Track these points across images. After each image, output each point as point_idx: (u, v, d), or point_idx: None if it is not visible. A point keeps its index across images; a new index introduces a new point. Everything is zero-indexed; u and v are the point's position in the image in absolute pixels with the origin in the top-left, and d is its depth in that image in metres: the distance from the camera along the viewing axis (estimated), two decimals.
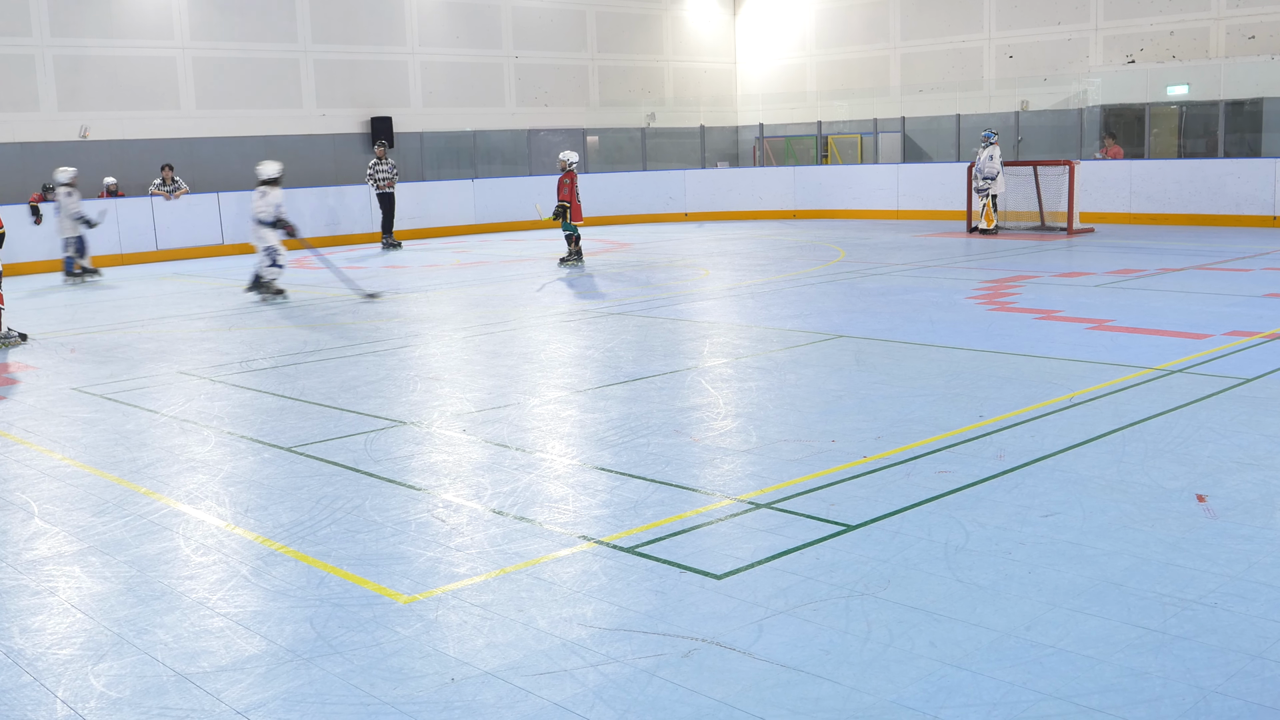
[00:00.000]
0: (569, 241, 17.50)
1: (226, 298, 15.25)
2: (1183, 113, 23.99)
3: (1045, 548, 4.97)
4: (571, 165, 17.55)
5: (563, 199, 17.39)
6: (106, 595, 4.88)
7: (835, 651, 4.07)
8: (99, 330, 12.68)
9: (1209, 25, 24.38)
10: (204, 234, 21.64)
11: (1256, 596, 4.39)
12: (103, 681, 4.07)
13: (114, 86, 22.38)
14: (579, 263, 17.45)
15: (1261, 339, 9.51)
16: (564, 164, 17.58)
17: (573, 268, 17.21)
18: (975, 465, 6.21)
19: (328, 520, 5.72)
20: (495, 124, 27.65)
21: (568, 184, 17.41)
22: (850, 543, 5.11)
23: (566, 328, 11.66)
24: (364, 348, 10.78)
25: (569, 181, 17.41)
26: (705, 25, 32.07)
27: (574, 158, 17.67)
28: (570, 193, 17.38)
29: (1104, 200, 21.40)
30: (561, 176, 17.53)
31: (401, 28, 26.20)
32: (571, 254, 17.48)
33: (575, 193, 17.46)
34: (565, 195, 17.39)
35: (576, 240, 17.51)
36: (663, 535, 5.31)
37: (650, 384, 8.67)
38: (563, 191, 17.43)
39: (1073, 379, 8.22)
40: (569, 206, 17.35)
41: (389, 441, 7.25)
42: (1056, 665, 3.89)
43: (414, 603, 4.65)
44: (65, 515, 6.02)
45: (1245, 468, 6.00)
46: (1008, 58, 27.40)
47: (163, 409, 8.50)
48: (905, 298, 12.64)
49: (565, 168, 17.54)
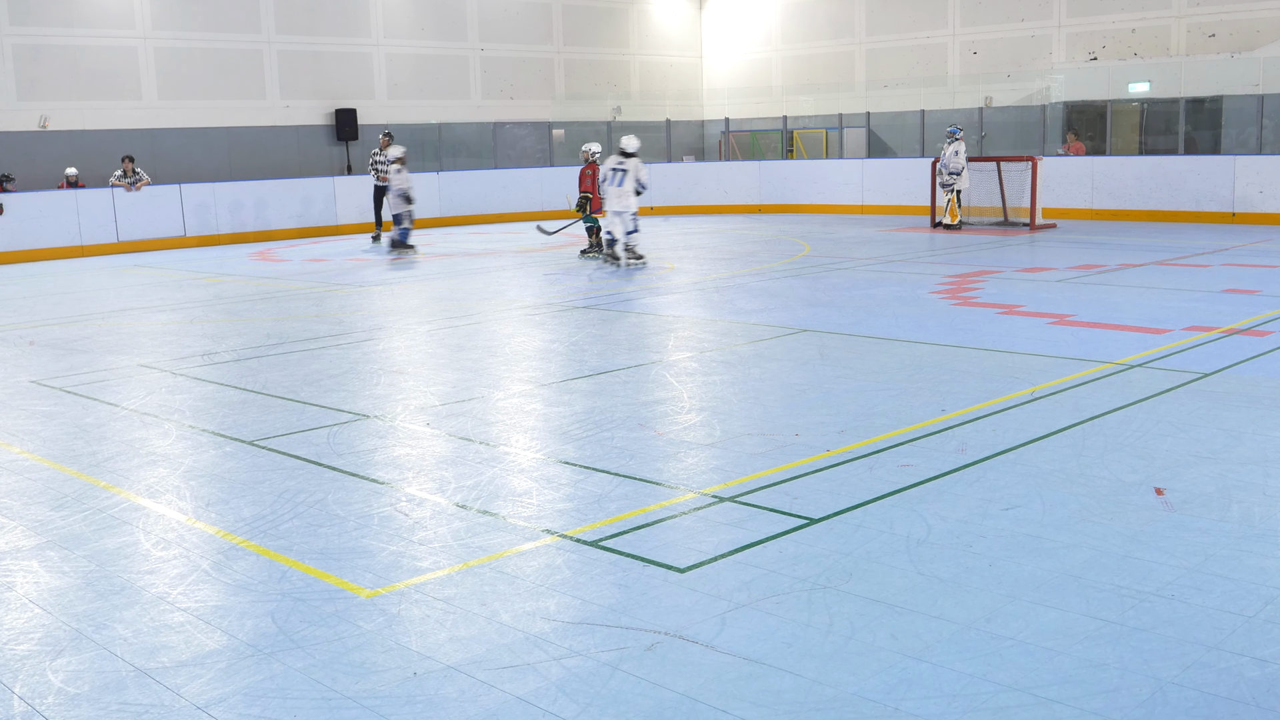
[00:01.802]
0: (590, 233, 17.38)
1: (188, 289, 15.13)
2: (1144, 110, 24.23)
3: (1006, 541, 5.01)
4: (594, 156, 17.41)
5: (585, 190, 17.27)
6: (65, 590, 4.83)
7: (797, 644, 4.09)
8: (58, 322, 12.54)
9: (1170, 23, 24.63)
10: (165, 226, 21.43)
11: (1213, 589, 4.44)
12: (61, 677, 4.03)
13: (74, 76, 22.15)
14: (599, 254, 17.27)
15: (1220, 334, 9.62)
16: (586, 155, 17.50)
17: (591, 259, 17.07)
18: (937, 459, 6.25)
19: (290, 514, 5.69)
20: (460, 116, 27.55)
21: (590, 175, 17.26)
22: (813, 536, 5.13)
23: (531, 322, 11.64)
24: (327, 341, 10.72)
25: (591, 173, 17.25)
26: (671, 19, 32.08)
27: (597, 148, 17.53)
28: (593, 184, 17.19)
29: (1066, 196, 21.59)
30: (584, 168, 17.40)
31: (366, 19, 26.06)
32: (593, 245, 17.35)
33: (599, 184, 17.30)
34: (588, 186, 17.26)
35: (597, 231, 17.35)
36: (626, 529, 5.31)
37: (615, 378, 8.67)
38: (585, 182, 17.30)
39: (1034, 373, 8.29)
40: (591, 198, 17.21)
41: (352, 435, 7.22)
42: (1016, 657, 3.93)
43: (376, 597, 4.63)
44: (23, 509, 5.96)
45: (1203, 461, 6.07)
46: (972, 54, 27.57)
47: (123, 402, 8.42)
48: (869, 292, 12.70)
49: (588, 159, 17.43)
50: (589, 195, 17.23)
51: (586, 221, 17.38)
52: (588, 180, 17.29)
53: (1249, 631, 4.07)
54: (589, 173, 17.30)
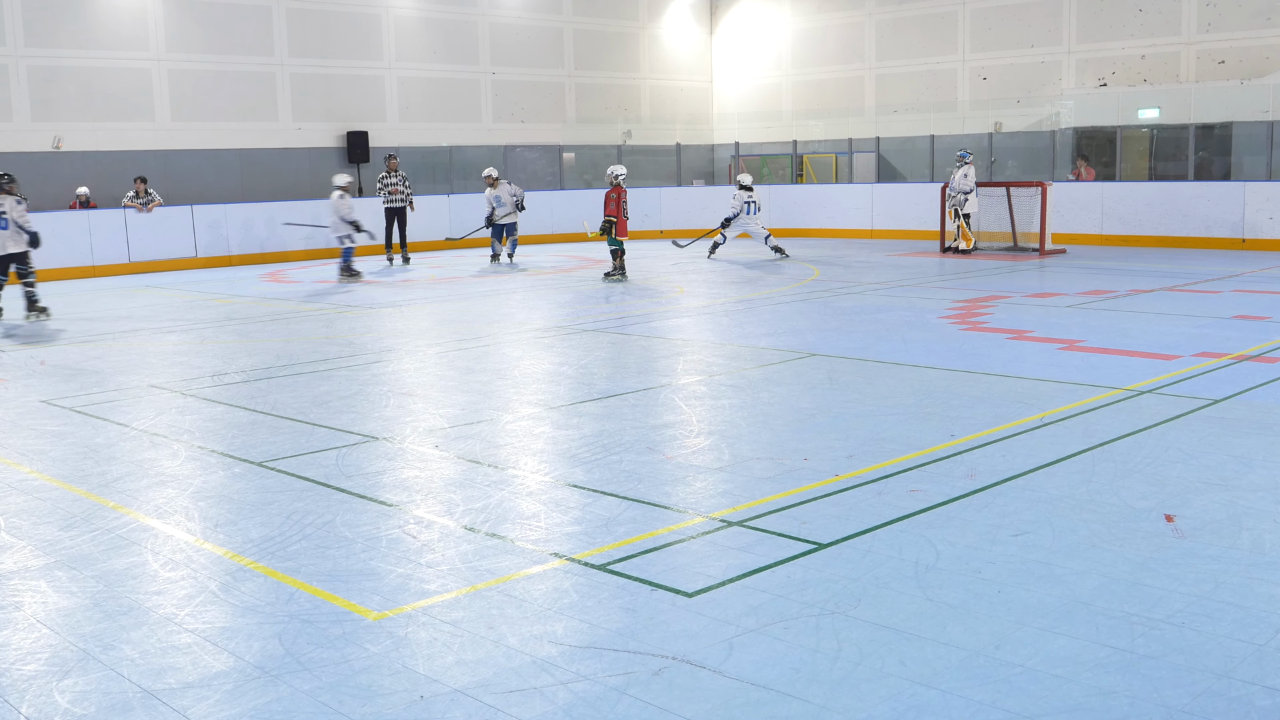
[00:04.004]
0: (614, 256, 17.36)
1: (199, 310, 15.18)
2: (1154, 136, 24.23)
3: (1015, 567, 4.99)
4: (618, 179, 17.40)
5: (609, 214, 17.25)
6: (73, 610, 4.83)
7: (805, 670, 4.07)
8: (69, 342, 12.59)
9: (1180, 50, 24.66)
10: (177, 246, 21.52)
11: (1223, 616, 4.42)
12: (67, 698, 4.03)
13: (88, 97, 22.28)
14: (623, 277, 17.28)
15: (1230, 360, 9.60)
16: (611, 178, 17.44)
17: (616, 282, 17.05)
18: (946, 484, 6.23)
19: (298, 536, 5.69)
20: (472, 139, 27.65)
21: (614, 198, 17.24)
22: (821, 561, 5.12)
23: (540, 344, 11.65)
24: (337, 362, 10.74)
25: (616, 196, 17.24)
26: (682, 44, 32.20)
27: (622, 171, 17.49)
28: (617, 208, 17.19)
29: (1076, 221, 21.58)
30: (609, 191, 17.40)
31: (379, 42, 26.20)
32: (616, 268, 17.33)
33: (623, 208, 17.26)
34: (612, 210, 17.23)
35: (621, 255, 17.36)
36: (634, 553, 5.30)
37: (624, 401, 8.68)
38: (610, 206, 17.27)
39: (1044, 399, 8.28)
40: (615, 221, 17.21)
41: (361, 457, 7.23)
42: (1025, 684, 3.91)
43: (384, 619, 4.63)
44: (32, 529, 5.97)
45: (1213, 488, 6.05)
46: (981, 79, 27.63)
47: (133, 422, 8.44)
48: (878, 316, 12.70)
49: (613, 181, 17.41)
50: (614, 219, 17.19)
51: (611, 245, 17.33)
52: (612, 204, 17.24)
53: (1260, 660, 4.04)
54: (614, 196, 17.25)
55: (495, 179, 21.33)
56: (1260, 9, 23.62)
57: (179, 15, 23.24)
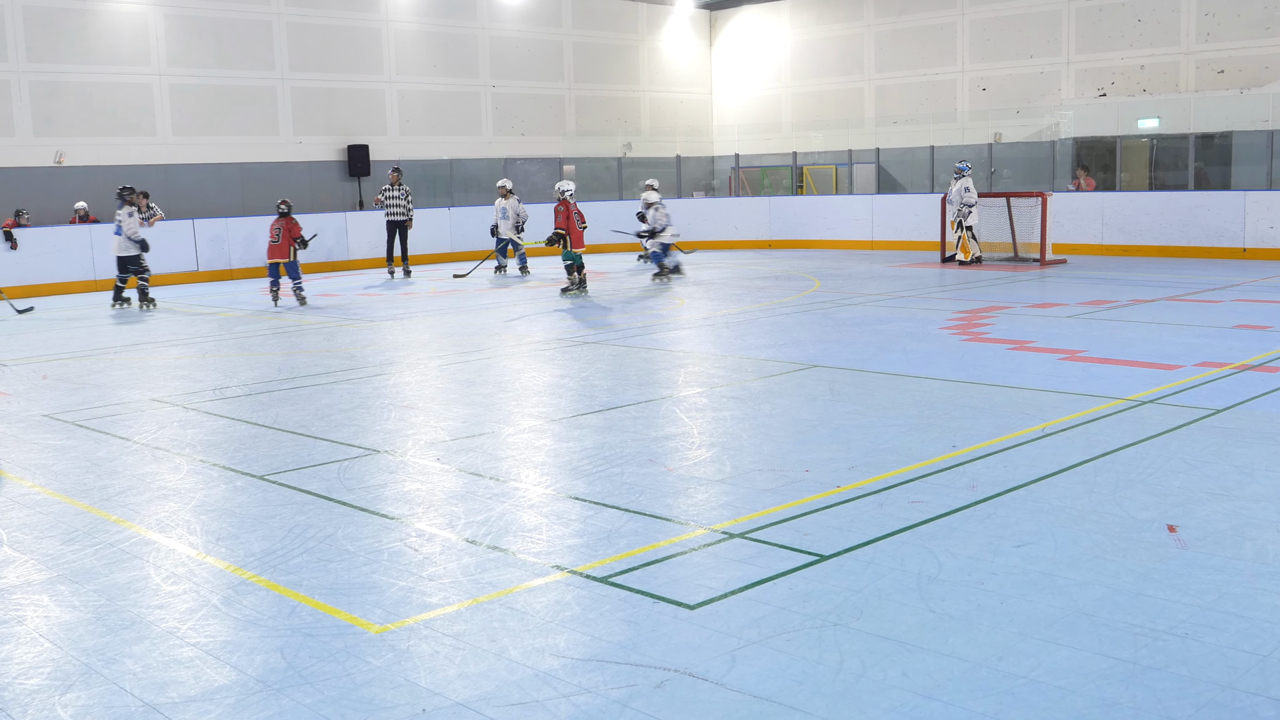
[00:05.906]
0: (569, 271, 17.41)
1: (200, 324, 15.19)
2: (1154, 145, 24.27)
3: (1017, 578, 4.99)
4: (564, 193, 17.55)
5: (559, 227, 17.37)
6: (75, 624, 4.83)
7: (808, 682, 4.07)
8: (71, 356, 12.60)
9: (1179, 60, 24.71)
10: (179, 260, 21.54)
11: (1227, 627, 4.41)
12: (70, 712, 4.02)
13: (90, 112, 22.33)
14: (582, 291, 17.31)
15: (1231, 370, 9.59)
16: (558, 193, 17.63)
17: (575, 297, 17.08)
18: (948, 495, 6.23)
19: (300, 549, 5.69)
20: (472, 153, 27.70)
21: (562, 212, 17.38)
22: (823, 573, 5.11)
23: (541, 357, 11.66)
24: (338, 375, 10.74)
25: (564, 209, 17.38)
26: (682, 56, 32.27)
27: (569, 186, 17.69)
28: (567, 220, 17.33)
29: (1076, 231, 21.60)
30: (556, 205, 17.52)
31: (379, 56, 26.26)
32: (574, 283, 17.37)
33: (574, 220, 17.40)
34: (560, 223, 17.36)
35: (580, 269, 17.42)
36: (636, 565, 5.30)
37: (625, 413, 8.68)
38: (558, 220, 17.42)
39: (1045, 409, 8.27)
40: (565, 234, 17.29)
41: (362, 470, 7.23)
42: (1028, 696, 3.90)
43: (386, 632, 4.62)
44: (34, 543, 5.97)
45: (1215, 498, 6.05)
46: (981, 90, 27.68)
47: (135, 436, 8.44)
48: (879, 328, 12.70)
49: (559, 196, 17.57)
50: (562, 232, 17.31)
51: (566, 259, 17.40)
52: (560, 217, 17.38)
53: (1263, 670, 4.04)
54: (561, 209, 17.39)
55: (508, 191, 21.47)
56: (1259, 19, 23.68)
57: (180, 30, 23.31)
